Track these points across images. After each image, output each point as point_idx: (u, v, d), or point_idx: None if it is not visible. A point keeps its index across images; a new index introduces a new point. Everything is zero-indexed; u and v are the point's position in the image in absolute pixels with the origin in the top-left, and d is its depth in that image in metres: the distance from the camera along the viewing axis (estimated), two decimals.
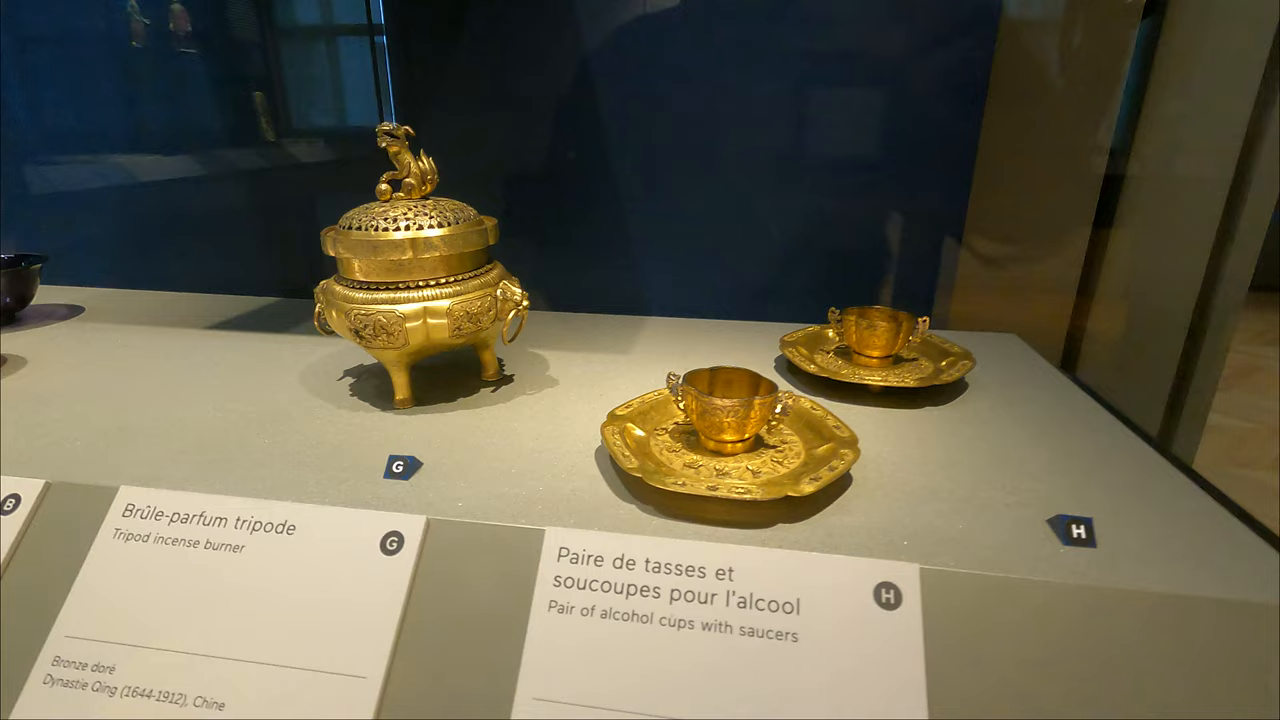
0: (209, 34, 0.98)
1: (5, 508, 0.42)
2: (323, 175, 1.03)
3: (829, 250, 0.91)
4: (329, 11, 0.99)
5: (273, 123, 1.01)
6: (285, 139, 1.02)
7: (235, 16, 0.98)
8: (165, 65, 0.99)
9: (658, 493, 0.46)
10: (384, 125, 0.60)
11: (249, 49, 0.99)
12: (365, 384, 0.68)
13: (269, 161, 1.02)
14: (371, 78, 0.95)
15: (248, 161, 1.03)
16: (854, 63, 0.83)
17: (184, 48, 0.99)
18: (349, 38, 0.98)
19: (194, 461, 0.53)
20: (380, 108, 0.96)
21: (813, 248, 0.91)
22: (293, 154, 1.02)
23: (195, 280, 1.06)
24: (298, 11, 1.00)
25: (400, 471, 0.51)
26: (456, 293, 0.59)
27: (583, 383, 0.69)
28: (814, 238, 0.90)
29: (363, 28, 0.96)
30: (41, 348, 0.78)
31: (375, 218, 0.58)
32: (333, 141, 1.02)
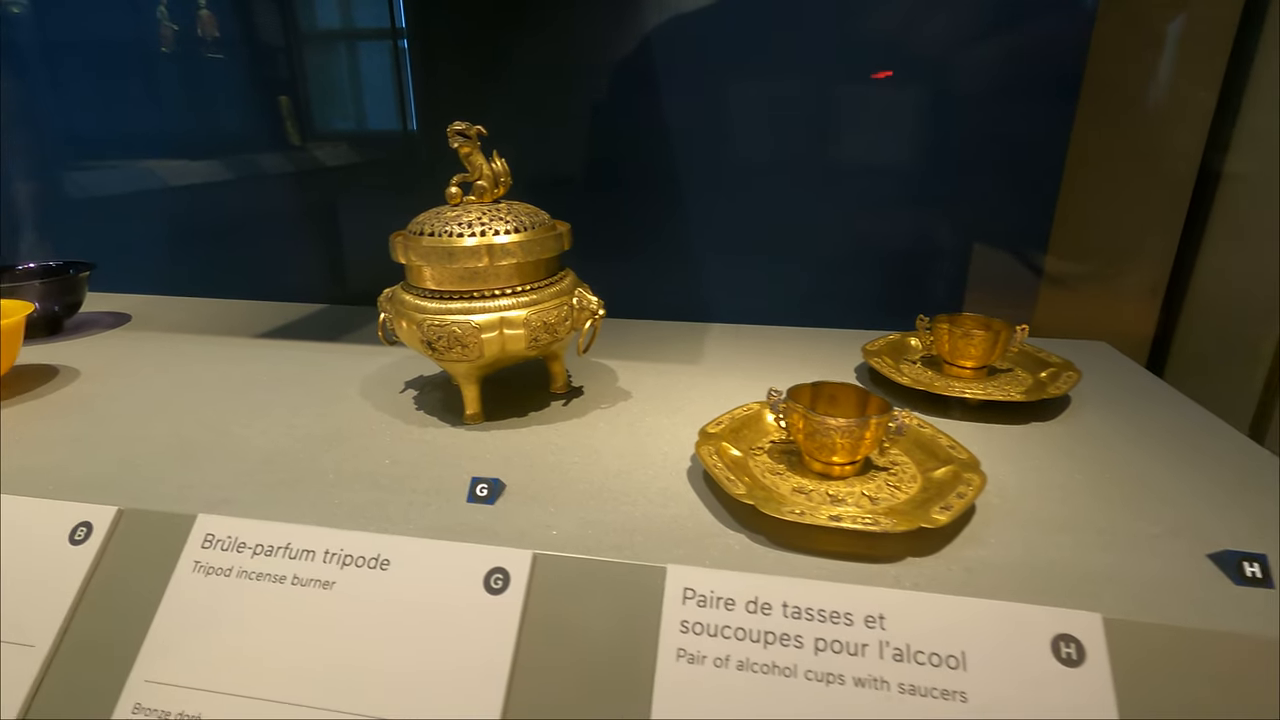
0: (236, 39, 0.96)
1: (76, 537, 0.39)
2: (356, 178, 1.00)
3: (895, 254, 0.86)
4: (353, 15, 0.96)
5: (298, 126, 0.99)
6: (311, 142, 0.99)
7: (261, 21, 0.96)
8: (195, 70, 0.97)
9: (770, 521, 0.43)
10: (456, 125, 0.57)
11: (275, 53, 0.97)
12: (430, 397, 0.65)
13: (303, 165, 1.00)
14: (395, 81, 0.93)
15: (282, 165, 1.01)
16: (931, 61, 0.78)
17: (212, 52, 0.98)
18: (373, 42, 0.95)
19: (264, 483, 0.50)
20: (404, 111, 0.93)
21: (878, 252, 0.86)
22: (324, 157, 1.00)
23: (237, 286, 1.04)
24: (323, 16, 0.97)
25: (485, 495, 0.47)
26: (533, 302, 0.56)
27: (656, 395, 0.66)
28: (879, 241, 0.86)
29: (387, 31, 0.93)
30: (92, 358, 0.76)
31: (448, 223, 0.55)
32: (362, 145, 0.99)
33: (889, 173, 0.82)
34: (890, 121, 0.81)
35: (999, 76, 0.77)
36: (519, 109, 0.88)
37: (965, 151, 0.80)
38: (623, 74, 0.85)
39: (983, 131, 0.79)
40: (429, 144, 0.94)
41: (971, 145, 0.80)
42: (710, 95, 0.84)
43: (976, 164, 0.80)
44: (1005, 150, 0.79)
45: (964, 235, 0.83)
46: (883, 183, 0.83)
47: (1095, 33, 0.74)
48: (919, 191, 0.83)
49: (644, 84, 0.85)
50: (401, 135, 0.96)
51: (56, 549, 0.39)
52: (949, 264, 0.85)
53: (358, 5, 0.95)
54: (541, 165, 0.90)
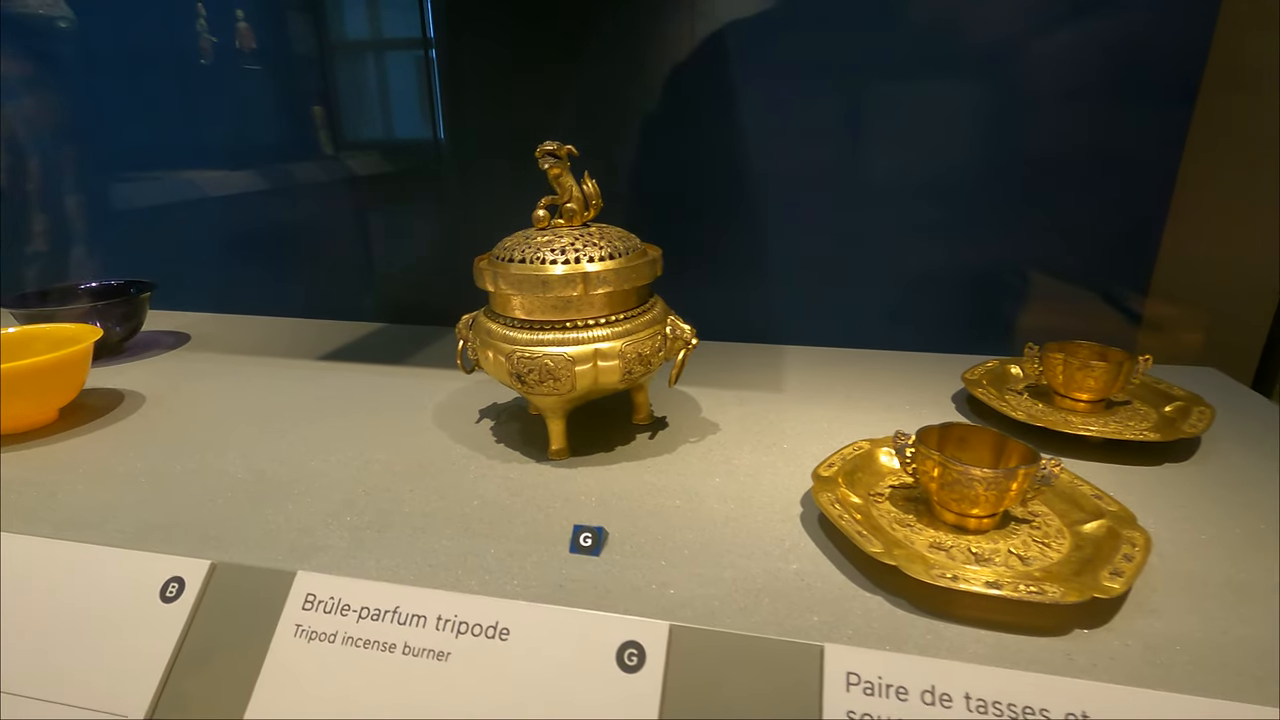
0: (272, 50, 0.95)
1: (168, 593, 0.37)
2: (393, 190, 0.98)
3: (978, 275, 0.81)
4: (385, 27, 0.94)
5: (332, 137, 0.98)
6: (344, 151, 0.97)
7: (296, 33, 0.95)
8: (234, 81, 0.96)
9: (910, 581, 0.39)
10: (546, 145, 0.54)
11: (310, 64, 0.96)
12: (507, 428, 0.62)
13: (337, 176, 0.98)
14: (426, 92, 0.90)
15: (317, 176, 0.99)
16: (1024, 68, 0.74)
17: (249, 64, 0.97)
18: (405, 51, 0.93)
19: (351, 526, 0.47)
20: (433, 121, 0.91)
21: (961, 272, 0.81)
22: (357, 167, 0.97)
23: (286, 302, 1.02)
24: (357, 27, 0.95)
25: (589, 545, 0.44)
26: (627, 332, 0.53)
27: (746, 427, 0.62)
28: (961, 261, 0.81)
29: (418, 41, 0.91)
30: (156, 383, 0.74)
31: (539, 249, 0.52)
32: (395, 155, 0.97)
33: (973, 188, 0.78)
34: (977, 133, 0.76)
35: (1102, 80, 0.72)
36: (580, 117, 0.85)
37: (1060, 165, 0.75)
38: (673, 87, 0.82)
39: (1082, 142, 0.74)
40: (457, 154, 0.92)
41: (1069, 158, 0.75)
42: (777, 108, 0.80)
43: (1074, 178, 0.75)
44: (1108, 163, 0.74)
45: (1057, 255, 0.78)
46: (966, 199, 0.78)
47: (1219, 27, 0.69)
48: (1006, 208, 0.78)
49: (698, 97, 0.81)
50: (432, 145, 0.94)
51: (147, 606, 0.36)
52: (1037, 285, 0.80)
53: (392, 14, 0.93)
54: None
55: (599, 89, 0.84)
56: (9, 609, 0.38)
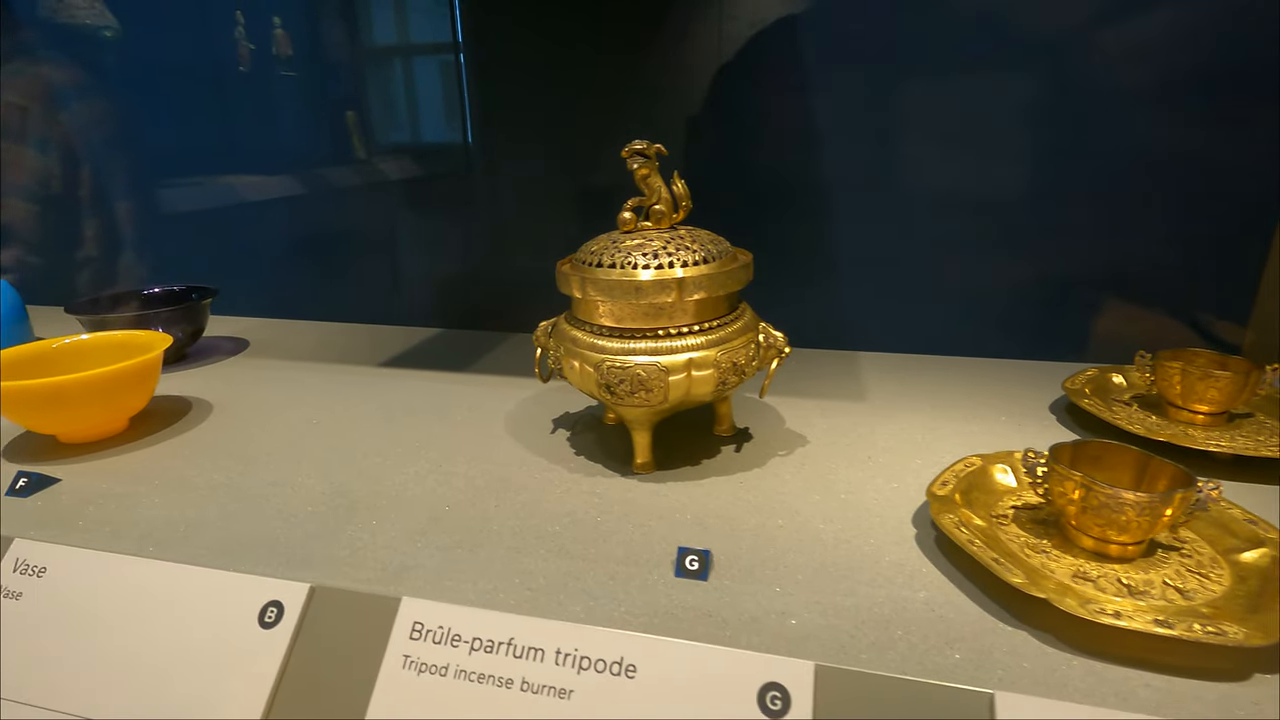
0: (312, 55, 0.95)
1: (267, 618, 0.35)
2: (425, 193, 0.97)
3: (1060, 279, 0.76)
4: (414, 32, 0.93)
5: (364, 141, 0.97)
6: (377, 156, 0.96)
7: (330, 39, 0.95)
8: (274, 87, 0.96)
9: (1054, 612, 0.35)
10: (635, 144, 0.51)
11: (349, 69, 0.95)
12: (584, 439, 0.60)
13: (371, 180, 0.97)
14: (462, 98, 0.89)
15: (351, 180, 0.98)
16: (1113, 62, 0.69)
17: (285, 70, 0.97)
18: (433, 55, 0.92)
19: (440, 545, 0.45)
20: (464, 125, 0.89)
21: (1038, 276, 0.77)
22: (389, 171, 0.96)
23: (342, 308, 1.01)
24: (391, 32, 0.94)
25: (696, 569, 0.41)
26: (721, 340, 0.50)
27: (834, 439, 0.59)
28: (1040, 265, 0.76)
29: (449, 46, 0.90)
30: (221, 389, 0.73)
31: (629, 253, 0.50)
32: (425, 158, 0.96)
33: (1056, 190, 0.73)
34: (1061, 132, 0.72)
35: (1193, 75, 0.67)
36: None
37: (1152, 165, 0.71)
38: (714, 85, 0.79)
39: (1178, 141, 0.70)
40: (485, 157, 0.91)
41: (1162, 157, 0.70)
42: (845, 106, 0.76)
43: (1167, 179, 0.70)
44: (1205, 162, 0.69)
45: (1144, 259, 0.73)
46: (1047, 201, 0.74)
47: None
48: (1091, 211, 0.73)
49: (741, 96, 0.78)
50: (476, 151, 0.92)
51: (246, 633, 0.35)
52: (1123, 291, 0.75)
53: (422, 20, 0.92)
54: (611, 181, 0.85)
55: (645, 85, 0.82)
56: (101, 630, 0.37)
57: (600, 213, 0.87)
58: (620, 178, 0.53)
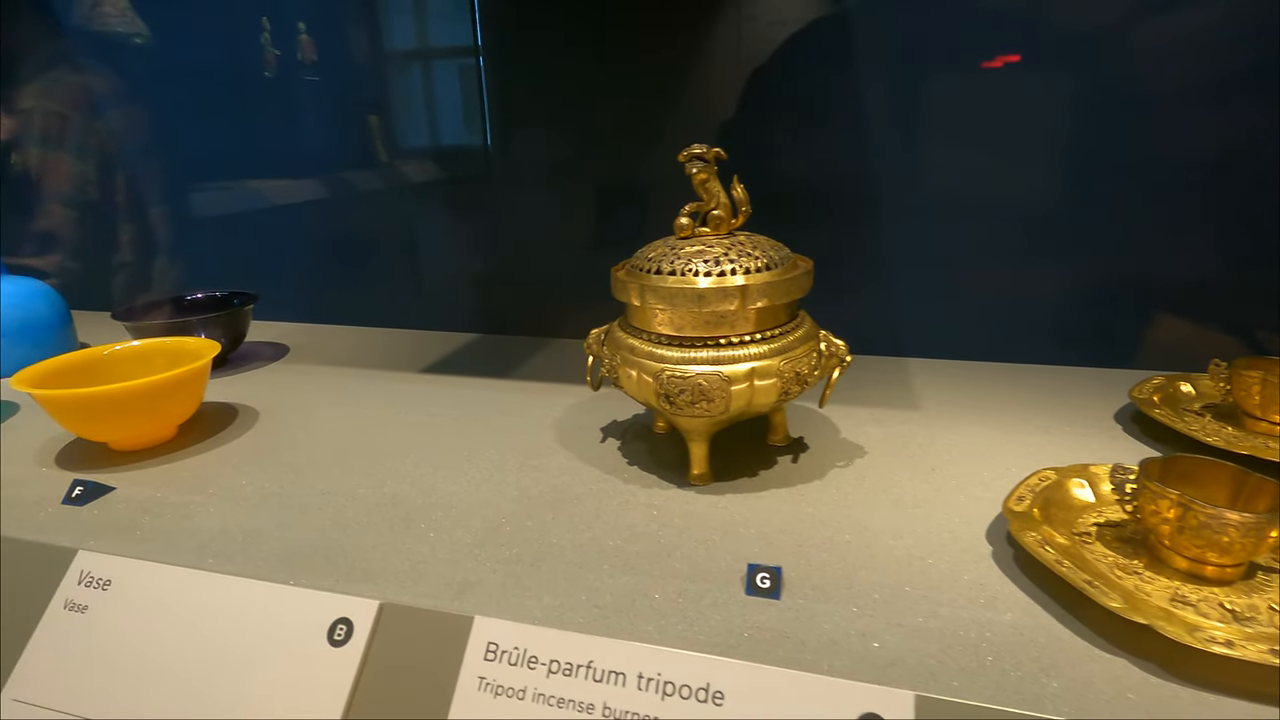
0: (335, 60, 0.95)
1: (336, 636, 0.34)
2: (468, 199, 0.97)
3: (1115, 284, 0.73)
4: (436, 35, 0.93)
5: (386, 145, 0.97)
6: (398, 159, 0.97)
7: (355, 43, 0.95)
8: (300, 92, 0.97)
9: (1155, 638, 0.33)
10: (694, 148, 0.50)
11: (370, 74, 0.95)
12: (635, 448, 0.59)
13: (394, 183, 0.97)
14: (478, 98, 0.89)
15: (374, 184, 0.98)
16: (1173, 59, 0.67)
17: (308, 75, 0.97)
18: (459, 59, 0.92)
19: (501, 559, 0.44)
20: (483, 128, 0.89)
21: (1094, 281, 0.74)
22: (411, 174, 0.97)
23: (378, 313, 1.01)
24: (419, 36, 0.94)
25: (768, 587, 0.40)
26: (784, 349, 0.49)
27: (893, 450, 0.57)
28: (1095, 269, 0.73)
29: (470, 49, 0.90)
30: (265, 396, 0.73)
31: (689, 260, 0.48)
32: (445, 161, 0.96)
33: (1111, 191, 0.71)
34: (1117, 131, 0.69)
35: (1259, 72, 0.65)
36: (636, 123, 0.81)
37: (1216, 166, 0.68)
38: (745, 89, 0.78)
39: (1240, 140, 0.67)
40: (512, 160, 0.90)
41: (1225, 158, 0.68)
42: (885, 105, 0.74)
43: (1234, 181, 0.68)
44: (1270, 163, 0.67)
45: (1206, 264, 0.71)
46: (1102, 203, 0.72)
47: None
48: (1150, 213, 0.71)
49: (770, 97, 0.77)
50: (489, 152, 0.92)
51: (316, 650, 0.34)
52: (1182, 296, 0.72)
53: (440, 24, 0.92)
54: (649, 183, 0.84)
55: (669, 92, 0.81)
56: (169, 645, 0.36)
57: (629, 215, 0.88)
58: (649, 179, 0.52)
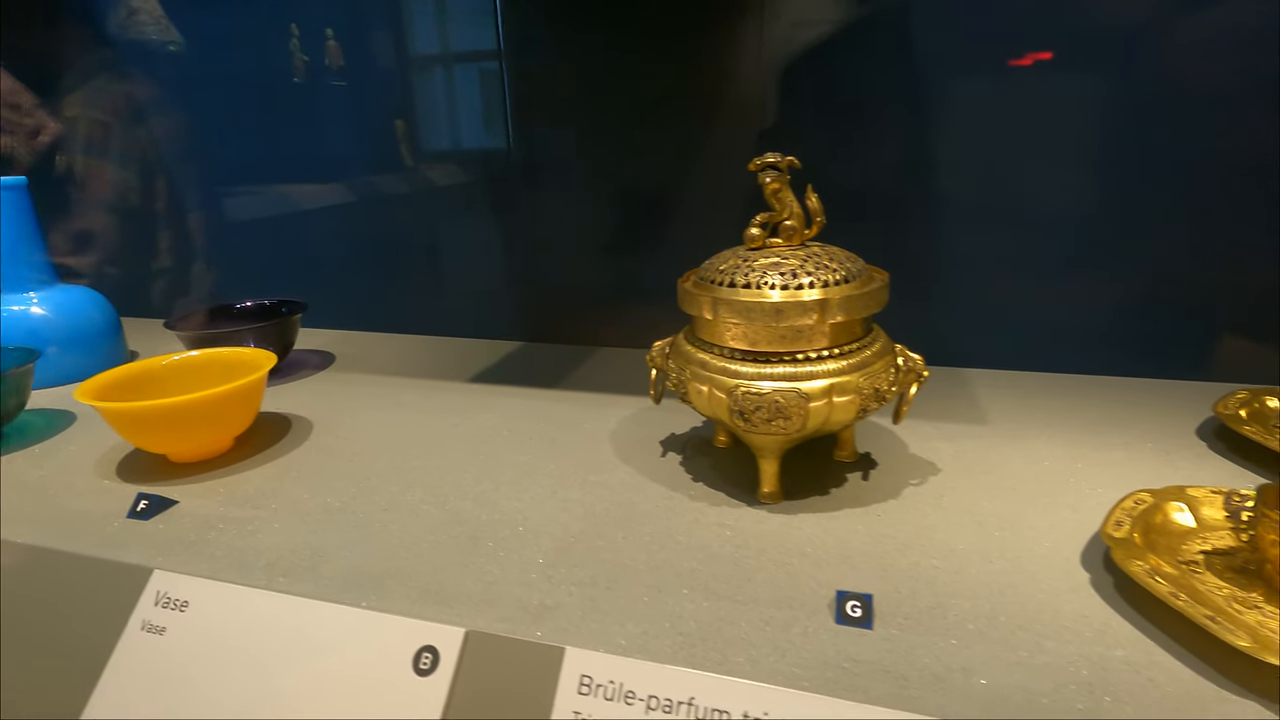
0: (358, 67, 0.96)
1: (422, 665, 0.33)
2: (469, 201, 0.97)
3: (1184, 291, 0.71)
4: (458, 40, 0.93)
5: (412, 150, 0.97)
6: (424, 164, 0.97)
7: (379, 48, 0.95)
8: (331, 97, 0.98)
9: None
10: (767, 157, 0.49)
11: (393, 78, 0.96)
12: (698, 463, 0.57)
13: (421, 188, 0.97)
14: (499, 101, 0.89)
15: (401, 188, 0.99)
16: (1255, 61, 0.64)
17: (336, 80, 0.98)
18: (479, 62, 0.92)
19: (576, 581, 0.43)
20: (506, 131, 0.89)
21: (1165, 288, 0.71)
22: (437, 178, 0.97)
23: (421, 320, 1.01)
24: (448, 40, 0.94)
25: (859, 617, 0.38)
26: (862, 364, 0.47)
27: (966, 466, 0.55)
28: (1167, 274, 0.71)
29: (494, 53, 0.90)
30: (316, 406, 0.73)
31: (764, 272, 0.47)
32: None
33: (1181, 196, 0.68)
34: (1178, 134, 0.67)
35: None
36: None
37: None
38: (775, 93, 0.76)
39: None
40: (534, 164, 0.90)
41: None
42: (945, 104, 0.72)
43: None
44: None
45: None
46: (1167, 207, 0.69)
47: None
48: (1219, 216, 0.68)
49: (799, 99, 0.76)
50: (513, 155, 0.92)
51: (401, 679, 0.33)
52: (1256, 304, 0.70)
53: (464, 28, 0.91)
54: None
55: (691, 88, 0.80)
56: (249, 670, 0.36)
57: (665, 219, 0.87)
58: (679, 182, 0.50)
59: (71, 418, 0.71)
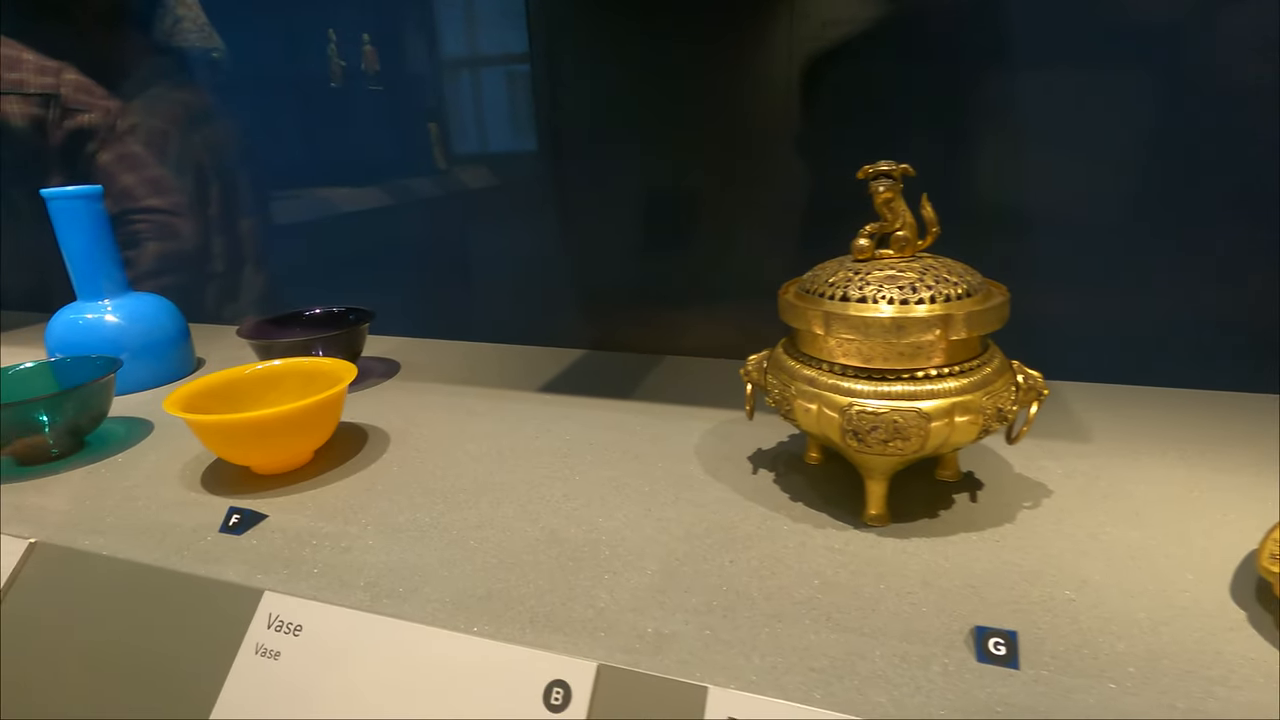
0: (393, 71, 0.96)
1: (553, 700, 0.32)
2: (497, 204, 0.97)
3: None
4: (487, 43, 0.93)
5: (444, 152, 0.98)
6: (455, 166, 0.97)
7: (412, 53, 0.96)
8: (367, 101, 0.98)
9: None
10: (881, 164, 0.47)
11: (425, 82, 0.96)
12: (793, 481, 0.55)
13: (449, 190, 0.97)
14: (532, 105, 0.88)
15: (431, 191, 0.99)
16: None
17: (373, 85, 0.98)
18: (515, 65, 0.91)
19: (689, 608, 0.41)
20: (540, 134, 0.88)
21: (1260, 294, 0.68)
22: (469, 181, 0.97)
23: (478, 327, 1.00)
24: (481, 44, 0.95)
25: (1003, 655, 0.36)
26: (984, 381, 0.45)
27: (1080, 488, 0.52)
28: (1268, 280, 0.68)
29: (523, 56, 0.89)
30: (389, 417, 0.72)
31: (881, 285, 0.45)
32: (498, 167, 0.96)
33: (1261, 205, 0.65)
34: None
35: None
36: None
37: None
38: (802, 93, 0.75)
39: None
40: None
41: None
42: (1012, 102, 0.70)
43: None
44: None
45: None
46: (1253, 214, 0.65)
47: None
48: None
49: (838, 99, 0.73)
50: (544, 157, 0.91)
51: (532, 716, 0.32)
52: None
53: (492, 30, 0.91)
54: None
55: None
56: (371, 702, 0.34)
57: (716, 224, 0.85)
58: (724, 186, 0.48)
59: (149, 426, 0.72)
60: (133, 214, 1.12)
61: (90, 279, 0.82)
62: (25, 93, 1.03)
